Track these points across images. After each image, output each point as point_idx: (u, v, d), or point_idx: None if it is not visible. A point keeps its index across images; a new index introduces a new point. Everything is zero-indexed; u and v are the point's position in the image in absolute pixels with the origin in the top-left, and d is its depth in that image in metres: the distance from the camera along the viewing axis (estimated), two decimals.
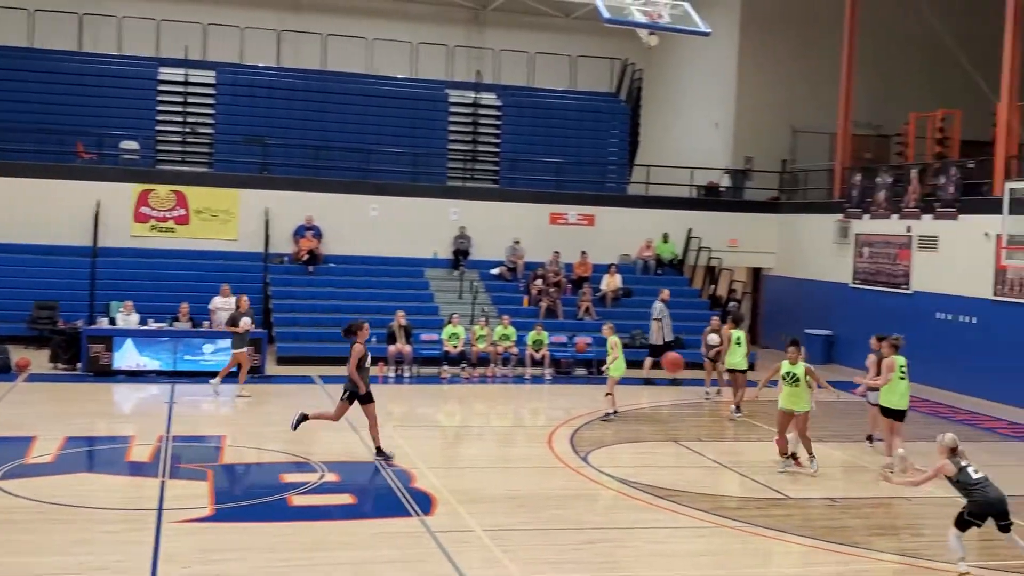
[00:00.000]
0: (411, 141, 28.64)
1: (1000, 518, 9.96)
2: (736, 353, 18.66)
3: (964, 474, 10.03)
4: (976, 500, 9.93)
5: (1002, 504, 9.94)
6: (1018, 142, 21.12)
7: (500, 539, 10.67)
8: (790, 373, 13.90)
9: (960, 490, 10.12)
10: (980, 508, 9.92)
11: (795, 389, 13.92)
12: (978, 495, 9.93)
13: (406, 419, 18.01)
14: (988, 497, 9.91)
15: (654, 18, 16.94)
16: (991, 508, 9.91)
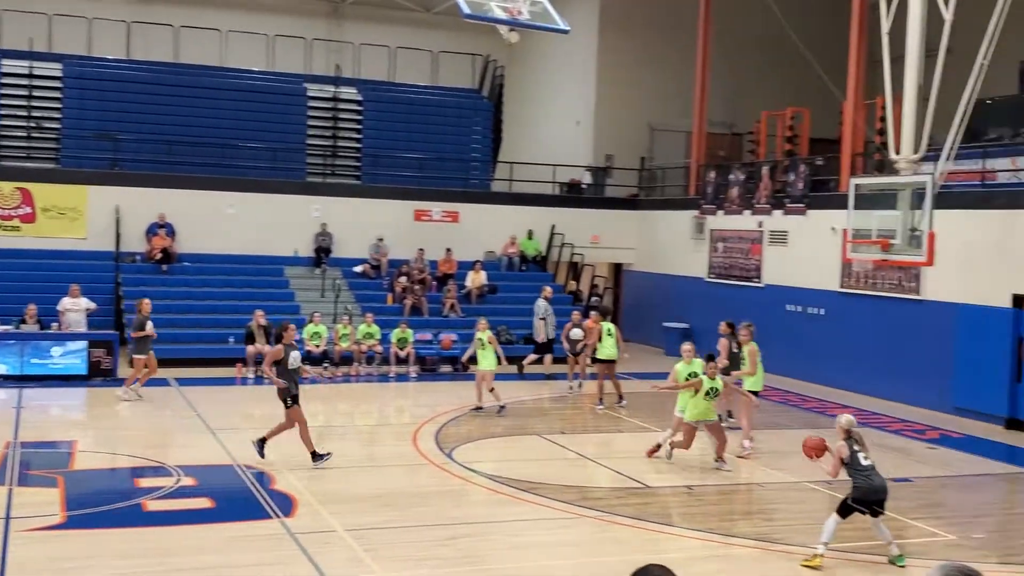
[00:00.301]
0: (269, 136, 28.10)
1: (879, 506, 10.26)
2: (608, 344, 18.97)
3: (855, 458, 10.29)
4: (860, 486, 10.21)
5: (883, 493, 10.24)
6: (863, 140, 21.99)
7: (363, 538, 10.57)
8: (713, 388, 13.73)
9: (849, 473, 10.36)
10: (863, 494, 10.19)
11: (710, 403, 13.83)
12: (862, 481, 10.21)
13: (267, 421, 17.64)
14: (872, 484, 10.19)
15: (514, 14, 17.04)
16: (873, 495, 10.19)
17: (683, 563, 10.21)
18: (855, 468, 10.28)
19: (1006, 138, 19.96)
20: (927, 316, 19.64)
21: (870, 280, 20.91)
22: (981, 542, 11.31)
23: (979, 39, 15.30)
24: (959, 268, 18.74)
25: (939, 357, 19.25)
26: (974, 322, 18.60)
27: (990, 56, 15.39)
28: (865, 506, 10.25)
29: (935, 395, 19.28)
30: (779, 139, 25.60)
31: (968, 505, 13.15)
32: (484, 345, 17.96)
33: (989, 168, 19.22)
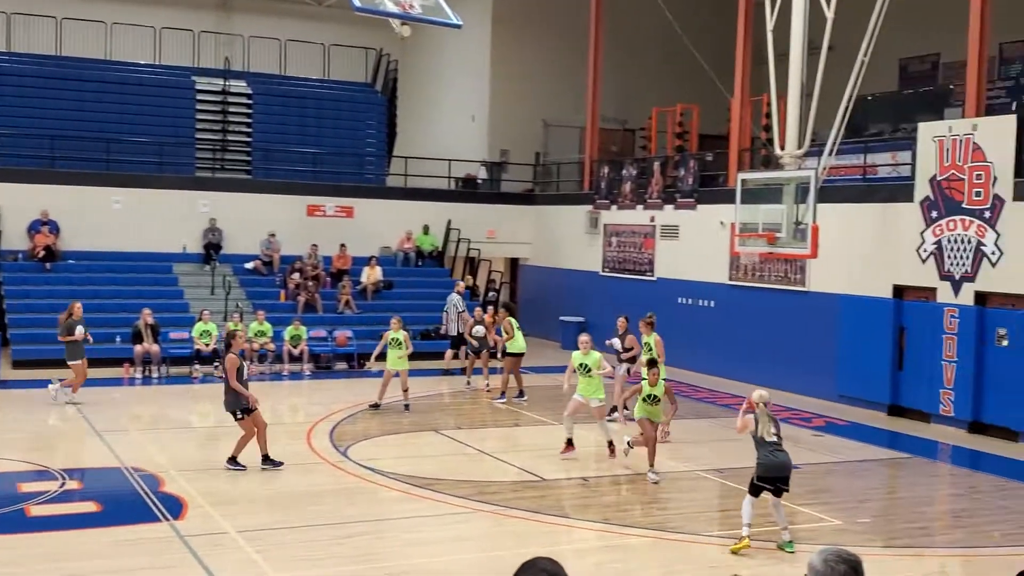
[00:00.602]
0: (156, 130, 27.41)
1: (781, 483, 10.46)
2: (519, 338, 19.14)
3: (760, 433, 10.48)
4: (762, 462, 10.44)
5: (786, 469, 10.46)
6: (750, 136, 22.47)
7: (255, 540, 10.42)
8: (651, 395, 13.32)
9: (756, 447, 10.58)
10: (765, 471, 10.42)
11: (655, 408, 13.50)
12: (764, 457, 10.43)
13: (155, 422, 17.31)
14: (772, 460, 10.39)
15: (406, 8, 16.94)
16: (774, 471, 10.40)
17: (579, 554, 10.35)
18: (759, 443, 10.51)
19: (886, 133, 20.61)
20: (812, 307, 20.19)
21: (757, 273, 21.40)
22: (866, 526, 11.67)
23: (860, 37, 15.75)
24: (842, 260, 19.29)
25: (824, 347, 19.80)
26: (857, 312, 19.18)
27: (870, 53, 15.85)
28: (769, 483, 10.44)
29: (821, 384, 19.82)
30: (670, 135, 26.01)
31: (853, 490, 13.55)
32: (400, 344, 17.73)
33: (870, 163, 19.84)
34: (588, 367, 14.23)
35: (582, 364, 14.33)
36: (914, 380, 18.13)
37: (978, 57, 17.49)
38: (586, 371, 14.26)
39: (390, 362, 17.77)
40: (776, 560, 10.33)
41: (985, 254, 16.91)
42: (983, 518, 12.32)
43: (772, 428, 10.53)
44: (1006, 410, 16.60)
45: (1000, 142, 16.69)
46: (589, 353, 14.38)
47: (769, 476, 10.44)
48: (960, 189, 17.26)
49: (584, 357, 14.37)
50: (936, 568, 10.73)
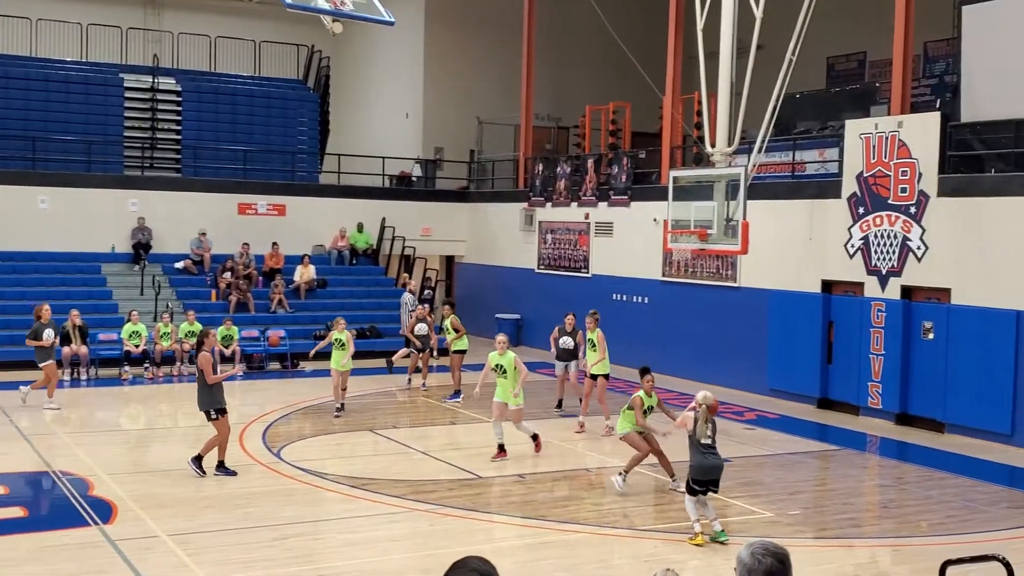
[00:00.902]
0: (83, 128, 26.92)
1: (711, 485, 10.66)
2: (465, 336, 19.34)
3: (696, 434, 10.62)
4: (693, 465, 10.60)
5: (715, 472, 10.65)
6: (682, 133, 22.67)
7: (187, 543, 10.29)
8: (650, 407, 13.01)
9: (689, 447, 10.72)
10: (696, 473, 10.58)
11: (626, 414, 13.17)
12: (696, 459, 10.59)
13: (84, 425, 17.01)
14: (704, 463, 10.55)
15: (337, 5, 16.83)
16: (705, 474, 10.57)
17: (514, 551, 10.38)
18: (693, 444, 10.66)
19: (814, 131, 20.91)
20: (743, 303, 20.45)
21: (690, 269, 21.62)
22: (797, 518, 11.85)
23: (788, 35, 15.95)
24: (772, 256, 19.56)
25: (755, 341, 20.07)
26: (786, 307, 19.47)
27: (798, 52, 16.07)
28: (700, 485, 10.61)
29: (752, 378, 20.08)
30: (603, 133, 26.16)
31: (784, 483, 13.74)
32: (343, 345, 17.50)
33: (799, 160, 20.14)
34: (504, 367, 14.10)
35: (499, 365, 14.17)
36: (843, 373, 18.45)
37: (903, 56, 17.84)
38: (502, 372, 14.13)
39: (334, 362, 17.50)
40: (708, 552, 10.45)
41: (911, 249, 17.26)
42: (910, 508, 12.58)
43: (708, 430, 10.64)
44: (932, 402, 16.97)
45: (925, 139, 17.04)
46: (505, 353, 14.18)
47: (700, 479, 10.62)
48: (886, 185, 17.60)
49: (500, 358, 14.17)
50: (866, 558, 10.93)
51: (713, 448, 10.68)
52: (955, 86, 18.77)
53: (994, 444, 15.77)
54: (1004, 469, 14.63)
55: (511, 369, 14.10)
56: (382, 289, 27.15)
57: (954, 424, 16.62)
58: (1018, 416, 15.73)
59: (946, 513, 12.22)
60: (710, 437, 10.64)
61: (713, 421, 10.82)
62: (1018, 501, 12.99)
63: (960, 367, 16.46)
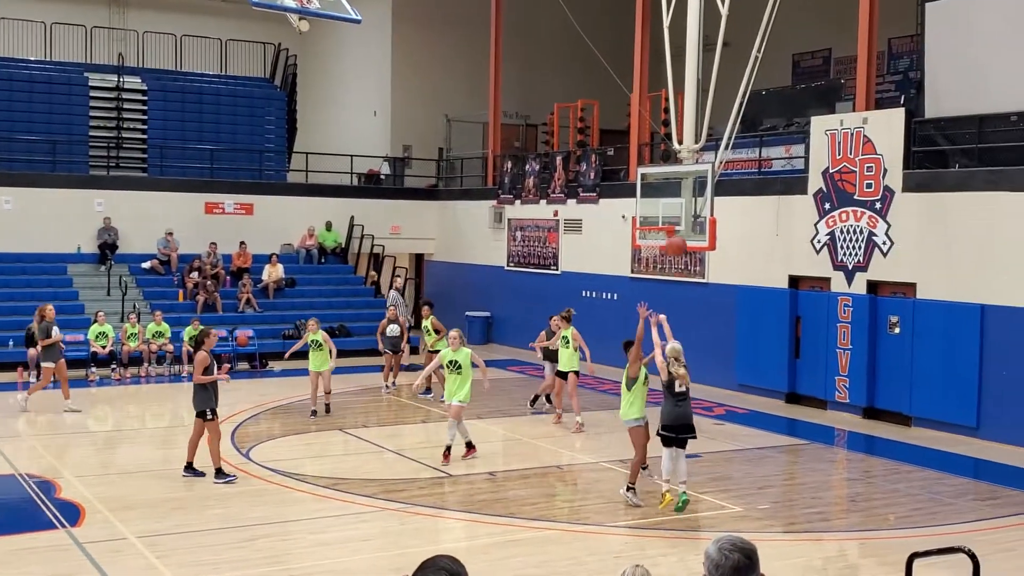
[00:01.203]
0: (48, 128, 26.66)
1: (684, 431, 11.30)
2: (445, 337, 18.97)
3: (671, 383, 11.25)
4: (665, 411, 11.21)
5: (685, 418, 11.31)
6: (649, 131, 22.75)
7: (156, 545, 10.23)
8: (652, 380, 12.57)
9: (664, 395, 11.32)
10: (667, 419, 11.20)
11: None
12: (669, 408, 11.20)
13: (50, 427, 16.84)
14: (675, 410, 11.22)
15: (303, 3, 16.78)
16: (676, 420, 11.22)
17: (485, 549, 10.39)
18: (667, 393, 11.23)
19: (780, 127, 21.05)
20: (712, 298, 20.55)
21: (658, 265, 21.71)
22: (766, 512, 11.93)
23: (754, 33, 16.04)
24: (740, 252, 19.68)
25: (724, 337, 20.17)
26: (754, 303, 19.59)
27: (764, 49, 16.17)
28: (672, 431, 11.18)
29: (721, 373, 20.18)
30: (571, 130, 26.20)
31: (753, 477, 13.82)
32: (320, 345, 17.30)
33: (765, 156, 20.26)
34: (459, 364, 13.90)
35: (452, 361, 13.95)
36: (810, 368, 18.59)
37: (867, 52, 17.99)
38: (456, 368, 13.90)
39: (312, 364, 17.30)
40: (680, 548, 10.50)
41: (877, 244, 17.41)
42: (878, 501, 12.70)
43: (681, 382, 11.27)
44: (898, 396, 17.13)
45: (890, 135, 17.19)
46: (459, 349, 13.98)
47: (672, 425, 11.19)
48: (852, 181, 17.74)
49: (455, 354, 13.96)
50: (834, 552, 11.02)
51: (685, 397, 11.30)
52: (919, 82, 18.95)
53: (960, 437, 15.95)
54: (969, 462, 14.80)
55: (466, 366, 13.98)
56: (351, 288, 27.09)
57: (920, 417, 16.79)
58: (983, 409, 15.91)
59: (913, 506, 12.35)
60: (683, 387, 11.24)
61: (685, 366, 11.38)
62: (983, 493, 13.15)
63: (926, 361, 16.63)
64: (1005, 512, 12.05)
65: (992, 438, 15.67)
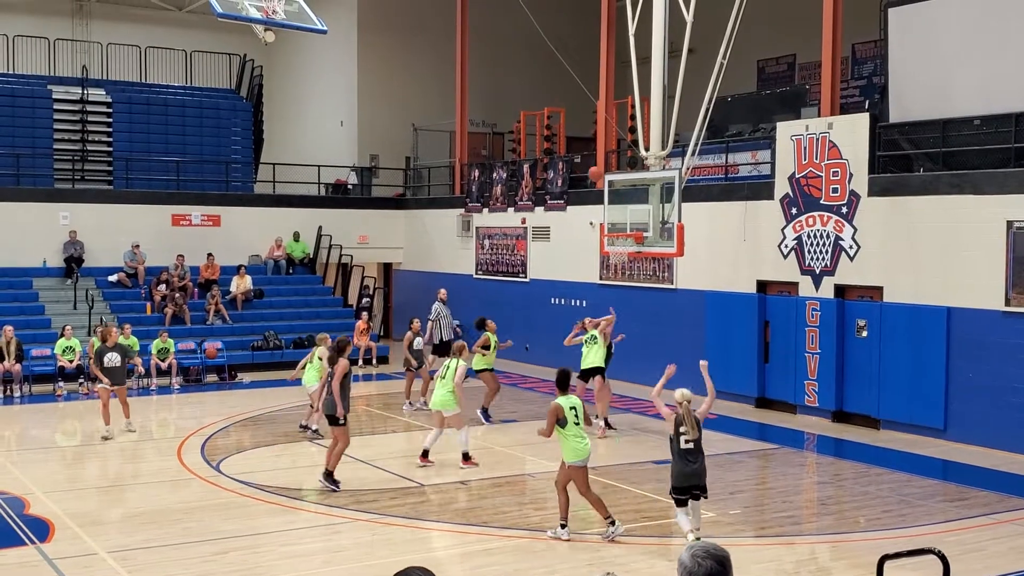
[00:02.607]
0: (11, 141, 26.39)
1: (696, 490, 10.46)
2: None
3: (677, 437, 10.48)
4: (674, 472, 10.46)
5: (696, 478, 10.43)
6: (616, 138, 22.84)
7: (127, 559, 10.14)
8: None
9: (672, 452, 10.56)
10: (677, 481, 10.43)
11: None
12: (676, 466, 10.45)
13: (18, 442, 16.67)
14: (684, 470, 10.40)
15: (268, 14, 16.72)
16: (687, 480, 10.40)
17: (458, 559, 10.38)
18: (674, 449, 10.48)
19: (746, 133, 21.20)
20: (680, 304, 20.63)
21: (627, 272, 21.78)
22: (737, 517, 11.98)
23: (719, 39, 16.16)
24: (707, 257, 19.77)
25: (693, 343, 20.21)
26: (723, 308, 19.68)
27: (729, 55, 16.28)
28: (682, 492, 10.40)
29: (691, 379, 20.16)
30: (538, 138, 26.26)
31: (724, 483, 13.85)
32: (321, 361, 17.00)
33: (731, 162, 20.39)
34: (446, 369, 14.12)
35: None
36: (780, 372, 18.69)
37: (832, 58, 18.15)
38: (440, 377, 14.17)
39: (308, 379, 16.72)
40: (651, 555, 10.53)
41: (843, 248, 17.55)
42: (848, 504, 12.79)
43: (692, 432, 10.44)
44: (867, 399, 17.26)
45: (855, 140, 17.35)
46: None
47: (682, 486, 10.43)
48: (818, 186, 17.88)
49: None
50: (806, 555, 11.09)
51: (694, 452, 10.45)
52: (883, 87, 19.14)
53: (928, 439, 16.09)
54: (938, 463, 14.94)
55: (451, 373, 14.09)
56: (319, 298, 26.99)
57: (889, 420, 16.93)
58: (950, 411, 16.06)
59: (883, 508, 12.44)
60: (689, 441, 10.42)
61: (698, 421, 10.58)
62: (952, 495, 13.28)
63: (894, 364, 16.77)
64: (974, 513, 12.18)
65: (959, 439, 15.82)
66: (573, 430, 10.75)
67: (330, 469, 12.97)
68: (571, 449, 10.72)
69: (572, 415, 10.79)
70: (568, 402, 10.91)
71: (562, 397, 10.98)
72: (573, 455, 10.72)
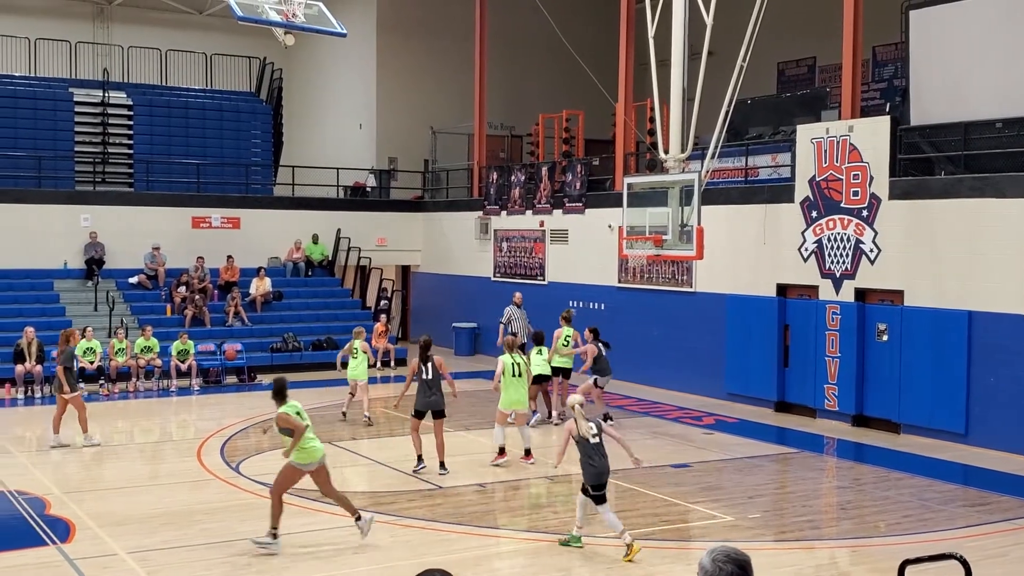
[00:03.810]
0: (33, 143, 26.57)
1: (596, 489, 10.45)
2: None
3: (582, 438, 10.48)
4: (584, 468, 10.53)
5: (601, 477, 10.45)
6: (635, 140, 22.81)
7: (146, 560, 10.18)
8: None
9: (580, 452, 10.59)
10: (587, 477, 10.48)
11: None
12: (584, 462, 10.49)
13: (39, 443, 16.75)
14: (594, 467, 10.44)
15: (288, 17, 16.77)
16: (595, 478, 10.43)
17: (475, 561, 10.37)
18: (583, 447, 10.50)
19: (766, 136, 21.13)
20: (700, 307, 20.57)
21: (646, 275, 21.73)
22: (757, 521, 11.93)
23: (739, 42, 16.10)
24: (727, 260, 19.72)
25: (712, 346, 20.20)
26: (743, 311, 19.62)
27: (749, 58, 16.23)
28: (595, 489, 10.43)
29: (710, 382, 20.21)
30: (556, 141, 26.25)
31: (744, 487, 13.82)
32: (357, 353, 17.85)
33: (751, 165, 20.32)
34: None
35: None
36: (799, 376, 18.62)
37: (852, 60, 18.07)
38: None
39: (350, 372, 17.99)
40: (671, 560, 10.50)
41: (864, 252, 17.47)
42: (868, 509, 12.71)
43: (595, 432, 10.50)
44: (887, 403, 17.16)
45: (875, 143, 17.26)
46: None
47: (592, 483, 10.45)
48: (838, 189, 17.80)
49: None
50: (826, 559, 11.03)
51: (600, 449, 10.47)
52: (904, 90, 19.03)
53: (949, 443, 15.99)
54: (959, 468, 14.84)
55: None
56: (338, 300, 27.06)
57: (909, 425, 16.83)
58: (972, 415, 15.96)
59: (903, 513, 12.37)
60: (596, 436, 10.49)
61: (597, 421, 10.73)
62: (973, 500, 13.18)
63: (914, 368, 16.67)
64: (995, 518, 12.09)
65: (981, 444, 15.72)
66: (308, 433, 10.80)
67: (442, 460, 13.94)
68: (301, 450, 10.69)
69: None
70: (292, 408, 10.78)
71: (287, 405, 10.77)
72: (303, 456, 10.70)
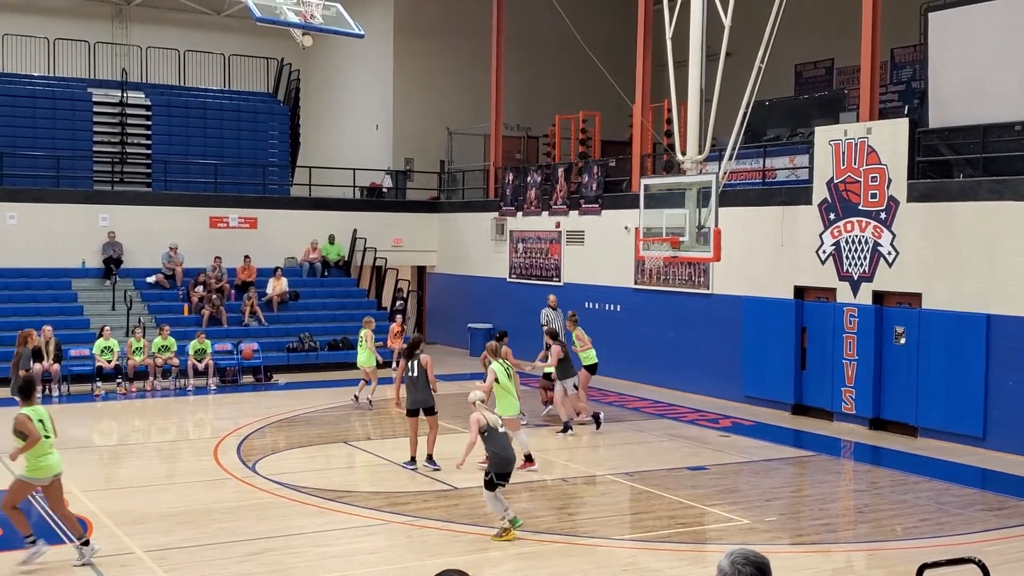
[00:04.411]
0: (52, 144, 26.72)
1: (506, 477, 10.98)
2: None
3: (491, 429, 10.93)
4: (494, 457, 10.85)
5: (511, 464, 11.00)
6: (652, 141, 22.77)
7: (163, 559, 10.22)
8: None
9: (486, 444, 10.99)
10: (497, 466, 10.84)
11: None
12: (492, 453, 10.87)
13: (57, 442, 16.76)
14: (506, 455, 10.90)
15: (306, 18, 16.84)
16: (506, 466, 10.88)
17: (491, 562, 10.37)
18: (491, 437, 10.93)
19: (784, 138, 21.06)
20: (717, 309, 20.52)
21: (662, 276, 21.68)
22: (773, 524, 11.89)
23: (757, 43, 16.06)
24: (744, 263, 19.66)
25: (729, 348, 20.14)
26: (760, 314, 19.56)
27: (767, 59, 16.18)
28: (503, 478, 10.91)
29: (727, 385, 20.15)
30: (573, 141, 26.22)
31: (760, 489, 13.78)
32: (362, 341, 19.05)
33: (769, 167, 20.27)
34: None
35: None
36: (816, 379, 18.54)
37: (871, 62, 17.99)
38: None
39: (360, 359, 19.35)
40: (684, 561, 10.48)
41: (882, 254, 17.39)
42: (885, 512, 12.65)
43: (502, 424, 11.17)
44: (905, 406, 17.08)
45: (894, 145, 17.19)
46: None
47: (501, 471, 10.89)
48: (856, 191, 17.73)
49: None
50: (842, 563, 10.99)
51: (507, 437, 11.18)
52: (923, 92, 18.96)
53: (966, 447, 15.91)
54: (976, 472, 14.76)
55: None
56: (354, 301, 27.10)
57: (927, 428, 16.74)
58: (990, 419, 15.87)
59: (920, 517, 12.31)
60: (502, 426, 11.11)
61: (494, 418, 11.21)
62: (991, 503, 13.11)
63: (932, 371, 16.59)
64: (1013, 522, 12.02)
65: (999, 448, 15.63)
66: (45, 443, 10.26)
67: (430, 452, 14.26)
68: (35, 464, 10.21)
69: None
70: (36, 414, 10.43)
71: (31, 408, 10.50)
72: (36, 471, 10.22)
